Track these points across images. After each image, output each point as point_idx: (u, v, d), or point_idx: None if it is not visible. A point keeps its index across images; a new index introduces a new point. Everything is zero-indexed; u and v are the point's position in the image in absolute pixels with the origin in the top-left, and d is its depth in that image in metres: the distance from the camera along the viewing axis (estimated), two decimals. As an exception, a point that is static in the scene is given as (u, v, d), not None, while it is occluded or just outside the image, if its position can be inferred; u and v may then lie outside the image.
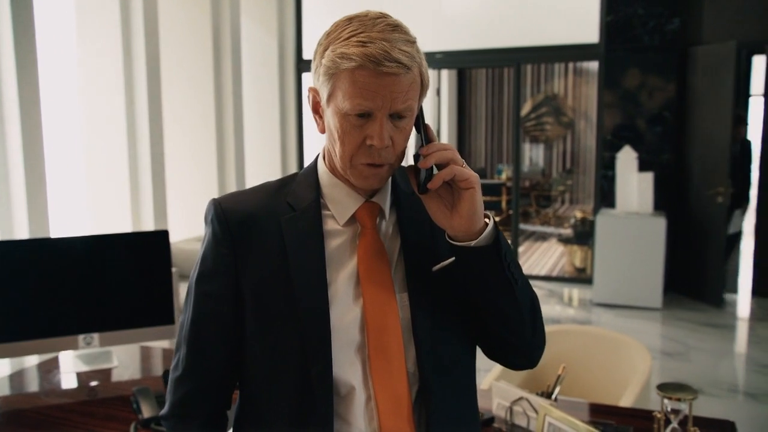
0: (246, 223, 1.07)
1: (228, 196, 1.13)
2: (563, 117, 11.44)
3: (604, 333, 2.71)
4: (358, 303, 1.05)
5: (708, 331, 5.15)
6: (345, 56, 0.95)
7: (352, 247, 1.08)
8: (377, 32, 0.96)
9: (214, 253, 1.08)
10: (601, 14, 6.13)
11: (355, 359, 1.04)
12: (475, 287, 1.04)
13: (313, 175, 1.12)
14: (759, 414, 3.76)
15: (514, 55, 6.69)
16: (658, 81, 5.99)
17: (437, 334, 1.07)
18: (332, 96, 0.99)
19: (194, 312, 1.10)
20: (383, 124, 0.98)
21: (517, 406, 1.81)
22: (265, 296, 1.05)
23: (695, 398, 1.58)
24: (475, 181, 1.00)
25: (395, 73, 0.95)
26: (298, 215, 1.07)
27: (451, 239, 1.03)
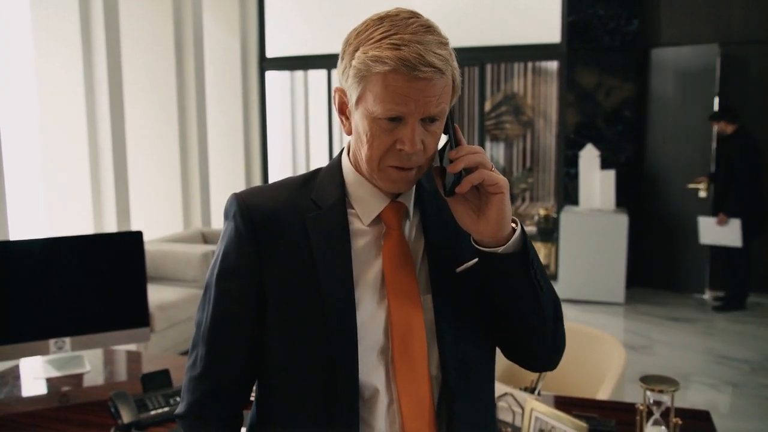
0: (271, 220, 1.04)
1: (251, 191, 1.09)
2: (522, 116, 11.59)
3: (578, 328, 2.75)
4: (383, 305, 1.03)
5: (670, 324, 5.28)
6: (378, 59, 0.92)
7: (377, 248, 1.05)
8: (410, 34, 0.93)
9: (237, 250, 1.05)
10: (562, 15, 6.23)
11: (378, 362, 1.02)
12: (500, 292, 1.02)
13: (338, 171, 1.09)
14: (721, 403, 3.87)
15: (477, 55, 6.75)
16: (618, 80, 6.11)
17: (460, 337, 1.05)
18: (362, 98, 0.97)
19: (215, 310, 1.07)
20: (415, 129, 0.95)
21: (502, 402, 1.82)
22: (290, 296, 1.02)
23: (677, 390, 1.62)
24: (504, 186, 0.97)
25: (429, 78, 0.93)
26: (324, 213, 1.04)
27: (477, 244, 1.01)
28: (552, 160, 11.06)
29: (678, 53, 6.05)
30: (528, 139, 11.65)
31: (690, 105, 6.02)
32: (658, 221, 6.22)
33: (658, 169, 6.23)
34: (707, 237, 5.55)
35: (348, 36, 1.00)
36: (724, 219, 5.39)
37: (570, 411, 1.82)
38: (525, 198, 11.59)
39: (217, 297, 1.06)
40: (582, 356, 2.58)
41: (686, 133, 6.06)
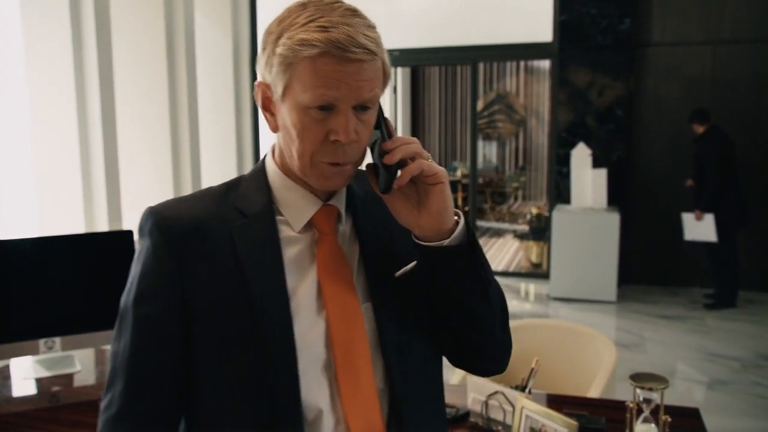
0: (192, 234, 0.94)
1: (168, 203, 0.99)
2: (515, 115, 11.62)
3: (568, 326, 2.76)
4: (322, 316, 0.95)
5: (661, 322, 5.30)
6: (305, 43, 0.86)
7: (311, 256, 0.98)
8: (338, 16, 0.88)
9: (156, 270, 0.94)
10: (554, 14, 6.25)
11: (321, 379, 0.94)
12: (447, 290, 0.97)
13: (262, 177, 1.01)
14: (712, 401, 3.89)
15: (470, 54, 6.76)
16: (610, 80, 6.13)
17: (405, 345, 0.98)
18: (289, 89, 0.90)
19: (133, 340, 0.94)
20: (349, 117, 0.89)
21: (492, 400, 1.82)
22: (219, 315, 0.92)
23: (666, 387, 1.62)
24: (444, 176, 0.93)
25: (361, 60, 0.87)
26: (251, 221, 0.96)
27: (419, 240, 0.95)
28: (544, 159, 11.10)
29: (670, 52, 6.08)
30: (521, 138, 11.69)
31: (682, 104, 6.05)
32: (649, 220, 6.25)
33: (650, 168, 6.26)
34: (689, 233, 5.65)
35: (269, 25, 0.93)
36: (700, 215, 5.49)
37: (560, 409, 1.83)
38: (517, 197, 11.63)
39: (135, 324, 0.95)
40: (573, 354, 2.59)
41: (678, 132, 6.09)
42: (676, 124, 6.07)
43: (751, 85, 5.96)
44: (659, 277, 6.24)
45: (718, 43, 5.94)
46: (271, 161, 1.02)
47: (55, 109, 4.52)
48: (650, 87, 6.17)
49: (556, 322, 2.99)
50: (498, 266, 7.34)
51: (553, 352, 2.61)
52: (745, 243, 5.77)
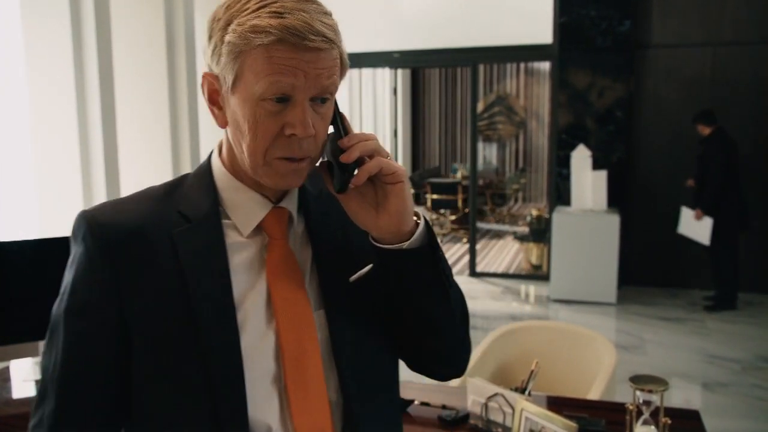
0: (130, 240, 0.87)
1: (103, 206, 0.91)
2: (515, 116, 11.62)
3: (568, 328, 2.76)
4: (271, 326, 0.89)
5: (661, 324, 5.30)
6: (258, 29, 0.79)
7: (260, 262, 0.91)
8: (292, 2, 0.81)
9: (89, 280, 0.87)
10: (554, 15, 6.25)
11: (271, 393, 0.88)
12: (406, 294, 0.92)
13: (208, 177, 0.94)
14: (712, 403, 3.89)
15: (470, 55, 6.76)
16: (610, 81, 6.14)
17: (360, 354, 0.93)
18: (240, 79, 0.83)
19: (65, 355, 0.87)
20: (306, 109, 0.83)
21: (492, 402, 1.82)
22: (160, 329, 0.86)
23: (666, 389, 1.62)
24: (403, 175, 0.88)
25: (319, 48, 0.81)
26: (194, 226, 0.89)
27: (377, 242, 0.90)
28: (544, 161, 11.10)
29: (670, 54, 6.08)
30: (521, 139, 11.69)
31: (682, 105, 6.05)
32: (649, 221, 6.25)
33: (650, 170, 6.26)
34: (685, 228, 5.64)
35: (215, 12, 0.86)
36: (700, 215, 5.46)
37: (560, 411, 1.83)
38: (518, 198, 11.63)
39: (66, 338, 0.87)
40: (573, 356, 2.58)
41: (678, 133, 6.09)
42: (676, 125, 6.08)
43: (751, 86, 5.96)
44: (659, 278, 6.24)
45: (718, 45, 5.94)
46: (217, 160, 0.95)
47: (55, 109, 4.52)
48: (650, 88, 6.17)
49: (556, 324, 2.99)
50: (498, 268, 7.34)
51: (553, 354, 2.61)
52: (745, 244, 5.77)
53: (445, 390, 2.17)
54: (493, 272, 7.07)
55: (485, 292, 6.39)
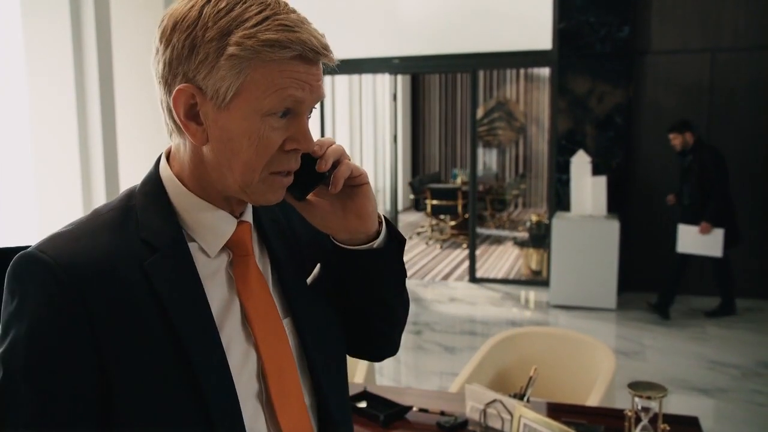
0: (99, 279, 0.78)
1: (56, 243, 0.80)
2: (515, 122, 11.64)
3: (567, 334, 2.76)
4: (251, 343, 0.87)
5: (661, 330, 5.29)
6: (275, 43, 0.76)
7: (228, 280, 0.88)
8: (292, 14, 0.79)
9: (57, 329, 0.76)
10: (554, 22, 6.26)
11: (257, 410, 0.87)
12: (368, 288, 0.95)
13: (162, 197, 0.86)
14: (710, 408, 3.88)
15: (470, 61, 6.77)
16: (610, 87, 6.14)
17: (326, 354, 0.95)
18: (241, 94, 0.78)
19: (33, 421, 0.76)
20: (307, 122, 0.83)
21: (491, 409, 1.82)
22: (146, 365, 0.78)
23: (665, 396, 1.62)
24: (366, 176, 0.89)
25: (324, 63, 0.82)
26: (163, 256, 0.82)
27: (343, 243, 0.91)
28: (544, 166, 11.11)
29: (669, 60, 6.09)
30: (521, 145, 11.71)
31: (681, 112, 6.06)
32: (649, 227, 6.25)
33: (650, 176, 6.26)
34: (687, 246, 5.44)
35: (189, 17, 0.79)
36: (708, 228, 5.28)
37: (559, 417, 1.82)
38: (517, 204, 11.64)
39: (34, 402, 0.76)
40: (572, 362, 2.58)
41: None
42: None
43: (750, 92, 5.97)
44: (659, 284, 6.22)
45: (717, 51, 5.95)
46: (171, 178, 0.87)
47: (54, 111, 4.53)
48: (649, 94, 6.18)
49: (555, 330, 2.99)
50: (498, 273, 7.34)
51: (553, 360, 2.61)
52: (745, 251, 5.76)
53: (443, 396, 2.17)
54: (493, 278, 7.06)
55: (485, 297, 6.38)
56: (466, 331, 5.49)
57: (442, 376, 4.46)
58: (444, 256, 8.33)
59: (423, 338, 5.22)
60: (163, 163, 0.89)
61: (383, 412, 1.94)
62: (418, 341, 5.18)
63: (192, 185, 0.86)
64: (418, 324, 5.60)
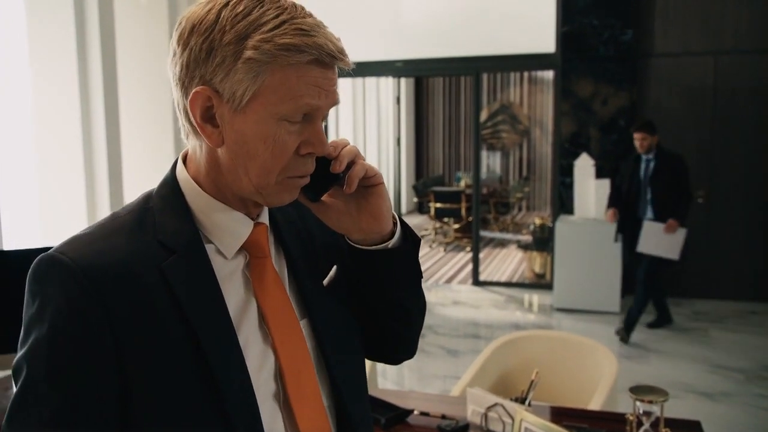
0: (118, 281, 0.78)
1: (75, 246, 0.81)
2: (519, 125, 11.63)
3: (570, 338, 2.75)
4: (269, 345, 0.87)
5: (665, 333, 5.28)
6: (292, 48, 0.76)
7: (245, 281, 0.88)
8: (309, 18, 0.80)
9: (76, 339, 0.77)
10: (557, 25, 6.26)
11: (275, 411, 0.87)
12: (385, 289, 0.95)
13: (179, 199, 0.86)
14: (714, 412, 3.87)
15: (473, 64, 6.77)
16: (613, 90, 6.14)
17: (345, 356, 0.95)
18: (258, 98, 0.78)
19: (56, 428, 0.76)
20: (321, 126, 0.83)
21: (492, 412, 1.82)
22: (165, 369, 0.79)
23: (666, 400, 1.62)
24: (381, 176, 0.89)
25: (340, 67, 0.82)
26: (181, 257, 0.82)
27: (357, 244, 0.91)
28: (548, 169, 11.10)
29: (672, 63, 6.09)
30: (524, 148, 11.70)
31: (684, 114, 6.05)
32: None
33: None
34: (647, 245, 5.07)
35: (206, 20, 0.79)
36: (675, 226, 4.96)
37: (560, 421, 1.82)
38: (521, 207, 11.62)
39: (55, 403, 0.76)
40: (574, 366, 2.58)
41: (681, 142, 6.07)
42: (678, 133, 6.07)
43: (753, 94, 5.95)
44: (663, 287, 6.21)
45: (720, 53, 5.95)
46: (187, 179, 0.87)
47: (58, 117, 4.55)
48: (652, 97, 6.17)
49: (557, 334, 2.99)
50: (501, 277, 7.33)
51: (555, 363, 2.60)
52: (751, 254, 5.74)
53: (445, 400, 2.16)
54: (497, 281, 7.05)
55: (489, 300, 6.38)
56: (470, 334, 5.49)
57: (445, 379, 4.46)
58: (447, 259, 8.33)
59: (426, 341, 5.22)
60: (180, 166, 0.89)
61: (384, 416, 1.94)
62: (421, 344, 5.16)
63: (208, 187, 0.86)
64: (421, 327, 5.60)
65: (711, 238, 6.08)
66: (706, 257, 5.91)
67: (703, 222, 6.00)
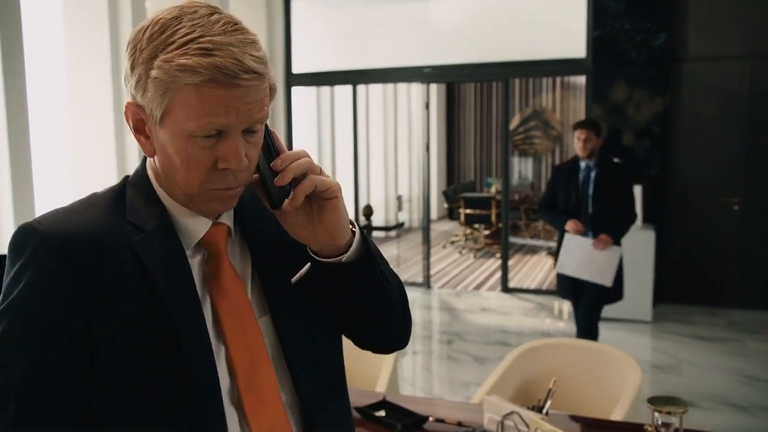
0: (89, 250, 0.83)
1: (51, 217, 0.87)
2: (551, 131, 11.51)
3: (594, 346, 2.71)
4: (221, 341, 0.89)
5: (698, 343, 5.16)
6: (187, 68, 0.78)
7: (202, 277, 0.91)
8: (219, 35, 0.79)
9: (47, 299, 0.82)
10: (588, 29, 6.19)
11: (228, 407, 0.88)
12: (348, 297, 0.96)
13: (150, 190, 0.91)
14: (749, 427, 3.76)
15: (502, 70, 6.73)
16: (646, 95, 6.04)
17: (310, 353, 0.96)
18: (169, 114, 0.81)
19: (22, 392, 0.80)
20: (238, 143, 0.83)
21: (508, 421, 1.79)
22: (132, 335, 0.83)
23: (686, 411, 1.58)
24: (338, 189, 0.90)
25: (249, 86, 0.81)
26: (150, 235, 0.87)
27: (315, 254, 0.93)
28: (580, 176, 10.93)
29: (707, 67, 5.96)
30: (557, 154, 11.57)
31: (719, 120, 5.92)
32: (686, 238, 6.10)
33: (688, 185, 6.12)
34: (570, 265, 4.20)
35: (137, 38, 0.83)
36: (607, 241, 4.10)
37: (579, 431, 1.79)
38: (553, 213, 11.48)
39: (23, 370, 0.81)
40: (597, 375, 2.53)
41: (717, 148, 5.96)
42: (714, 140, 5.95)
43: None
44: (697, 296, 6.08)
45: (757, 57, 5.80)
46: (153, 178, 0.92)
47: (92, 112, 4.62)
48: (687, 103, 6.05)
49: (582, 342, 2.94)
50: (531, 284, 7.25)
51: (578, 372, 2.56)
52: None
53: (463, 407, 2.15)
54: (526, 288, 6.98)
55: (518, 308, 6.31)
56: (498, 341, 5.43)
57: (471, 386, 4.42)
58: (477, 266, 8.27)
59: (454, 348, 5.18)
60: (149, 162, 0.94)
61: (400, 422, 1.93)
62: (449, 351, 5.15)
63: (165, 187, 0.91)
64: (448, 333, 5.57)
65: (747, 246, 5.93)
66: (741, 266, 5.76)
67: (739, 230, 5.85)
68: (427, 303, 6.65)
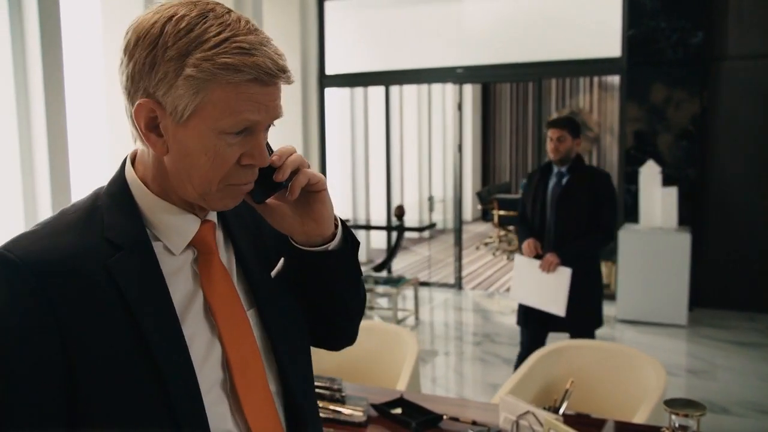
0: (63, 278, 0.81)
1: (21, 242, 0.84)
2: (588, 132, 11.35)
3: (618, 348, 2.67)
4: (215, 335, 0.91)
5: (734, 349, 5.03)
6: (230, 67, 0.79)
7: (193, 275, 0.91)
8: (251, 35, 0.82)
9: (23, 329, 0.79)
10: (623, 28, 6.10)
11: (221, 399, 0.90)
12: (326, 287, 1.00)
13: (128, 198, 0.89)
14: (785, 434, 3.66)
15: (535, 70, 6.67)
16: (682, 95, 5.92)
17: (291, 342, 0.99)
18: (199, 112, 0.81)
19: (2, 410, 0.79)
20: (263, 139, 0.86)
21: (523, 420, 1.79)
22: (109, 361, 0.81)
23: (703, 414, 1.55)
24: (325, 182, 0.94)
25: (280, 84, 0.85)
26: (127, 254, 0.85)
27: (299, 245, 0.95)
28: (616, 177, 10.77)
29: (746, 66, 5.81)
30: (594, 155, 11.41)
31: (760, 121, 5.77)
32: (724, 241, 5.95)
33: (725, 187, 5.97)
34: (519, 290, 3.70)
35: (151, 33, 0.81)
36: (553, 262, 3.46)
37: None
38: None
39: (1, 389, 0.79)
40: (621, 378, 2.50)
41: (757, 149, 5.80)
42: (753, 141, 5.80)
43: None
44: (734, 301, 5.93)
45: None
46: (135, 180, 0.91)
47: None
48: (725, 103, 5.91)
49: (606, 344, 2.91)
50: (564, 286, 7.16)
51: (601, 374, 2.53)
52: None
53: (480, 407, 2.14)
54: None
55: (549, 310, 6.24)
56: (528, 343, 5.38)
57: (499, 388, 4.39)
58: (510, 268, 8.20)
59: (483, 349, 5.16)
60: (128, 166, 0.92)
61: (415, 420, 1.94)
62: (478, 352, 5.13)
63: (155, 189, 0.90)
64: (478, 335, 5.54)
65: None
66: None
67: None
68: (458, 304, 6.63)
